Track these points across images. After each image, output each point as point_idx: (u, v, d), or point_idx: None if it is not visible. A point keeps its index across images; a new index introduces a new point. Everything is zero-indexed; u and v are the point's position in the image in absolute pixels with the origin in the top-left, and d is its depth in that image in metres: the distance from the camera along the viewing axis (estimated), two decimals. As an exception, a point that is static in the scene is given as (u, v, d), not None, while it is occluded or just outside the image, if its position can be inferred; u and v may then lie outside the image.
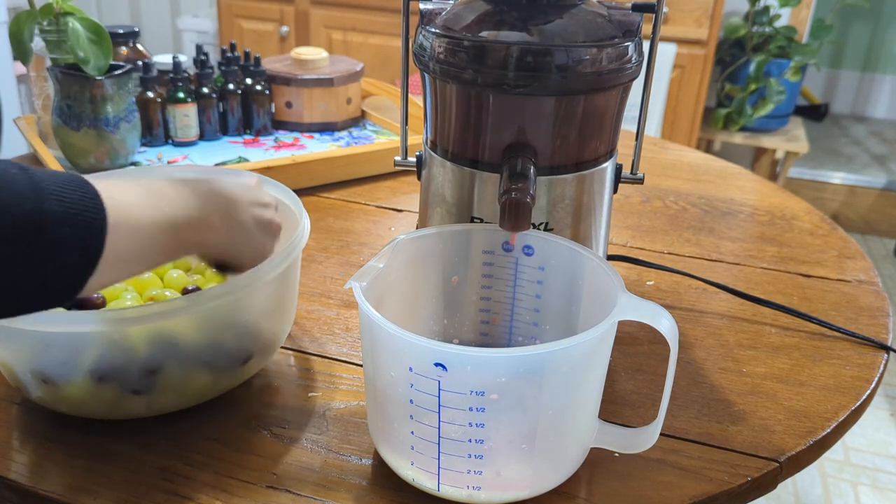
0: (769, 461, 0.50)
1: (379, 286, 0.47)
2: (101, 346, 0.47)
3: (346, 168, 0.93)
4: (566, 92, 0.50)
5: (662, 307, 0.44)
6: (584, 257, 0.50)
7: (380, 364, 0.45)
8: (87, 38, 0.81)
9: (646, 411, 0.55)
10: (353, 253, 0.77)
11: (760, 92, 2.40)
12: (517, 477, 0.45)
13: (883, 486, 1.54)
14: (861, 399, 0.57)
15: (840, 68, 3.07)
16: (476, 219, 0.55)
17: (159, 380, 0.49)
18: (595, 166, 0.54)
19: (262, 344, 0.54)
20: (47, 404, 0.51)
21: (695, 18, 2.13)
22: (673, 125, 2.26)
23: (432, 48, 0.51)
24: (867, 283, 0.75)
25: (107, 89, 0.83)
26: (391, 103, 1.14)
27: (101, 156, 0.86)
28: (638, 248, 0.80)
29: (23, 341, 0.47)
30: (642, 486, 0.48)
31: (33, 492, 0.46)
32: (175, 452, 0.50)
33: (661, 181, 0.99)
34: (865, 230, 2.67)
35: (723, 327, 0.66)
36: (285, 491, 0.47)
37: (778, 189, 0.99)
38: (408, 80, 0.59)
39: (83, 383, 0.48)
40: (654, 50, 0.56)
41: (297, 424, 0.53)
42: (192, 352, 0.49)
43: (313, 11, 2.42)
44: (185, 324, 0.48)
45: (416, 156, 0.59)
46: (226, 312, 0.50)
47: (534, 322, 0.54)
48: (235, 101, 1.00)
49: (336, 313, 0.66)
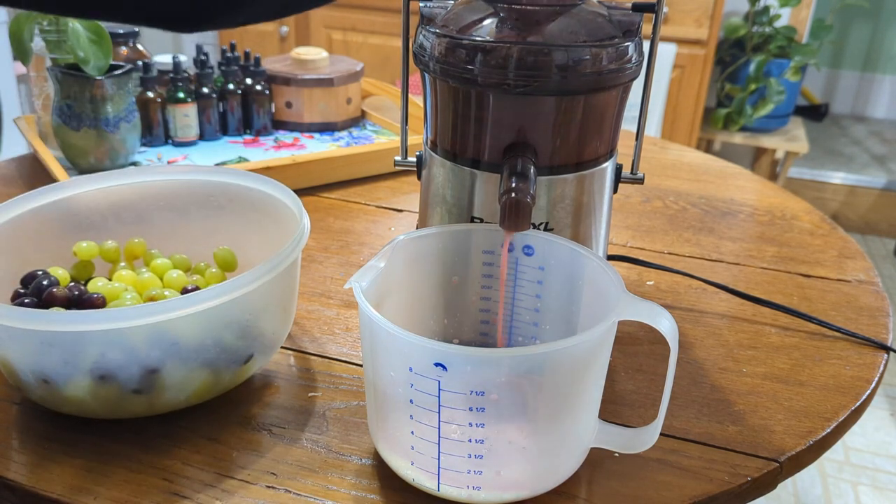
0: (769, 461, 0.50)
1: (379, 286, 0.48)
2: (102, 345, 0.47)
3: (346, 168, 0.93)
4: (566, 92, 0.50)
5: (662, 307, 0.44)
6: (584, 257, 0.50)
7: (380, 364, 0.45)
8: (87, 37, 0.81)
9: (646, 411, 0.55)
10: (353, 253, 0.77)
11: (760, 92, 2.40)
12: (517, 477, 0.45)
13: (883, 486, 1.54)
14: (861, 399, 0.57)
15: (840, 68, 3.07)
16: (476, 219, 0.55)
17: (159, 379, 0.49)
18: (595, 166, 0.54)
19: (262, 344, 0.54)
20: (48, 404, 0.51)
21: (695, 18, 2.14)
22: (673, 125, 2.27)
23: (432, 48, 0.51)
24: (867, 283, 0.75)
25: (107, 89, 0.83)
26: (391, 103, 1.14)
27: (101, 156, 0.86)
28: (638, 248, 0.80)
29: (24, 341, 0.47)
30: (642, 486, 0.48)
31: (33, 492, 0.46)
32: (175, 452, 0.50)
33: (661, 181, 0.99)
34: (865, 230, 2.67)
35: (723, 327, 0.66)
36: (285, 491, 0.47)
37: (778, 189, 0.99)
38: (408, 80, 0.59)
39: (84, 383, 0.48)
40: (654, 50, 0.56)
41: (297, 424, 0.53)
42: (193, 351, 0.49)
43: (313, 11, 2.42)
44: (185, 323, 0.48)
45: (416, 156, 0.59)
46: (226, 312, 0.50)
47: (534, 322, 0.54)
48: (235, 101, 1.00)
49: (336, 313, 0.66)
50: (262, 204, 0.61)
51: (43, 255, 0.59)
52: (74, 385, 0.48)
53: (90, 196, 0.62)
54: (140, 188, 0.63)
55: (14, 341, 0.48)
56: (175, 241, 0.64)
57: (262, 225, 0.62)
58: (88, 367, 0.47)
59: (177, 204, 0.64)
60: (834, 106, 3.13)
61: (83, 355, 0.47)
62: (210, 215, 0.64)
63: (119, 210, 0.63)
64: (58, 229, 0.61)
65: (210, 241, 0.63)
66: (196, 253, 0.63)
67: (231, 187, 0.63)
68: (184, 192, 0.64)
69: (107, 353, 0.47)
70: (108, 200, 0.63)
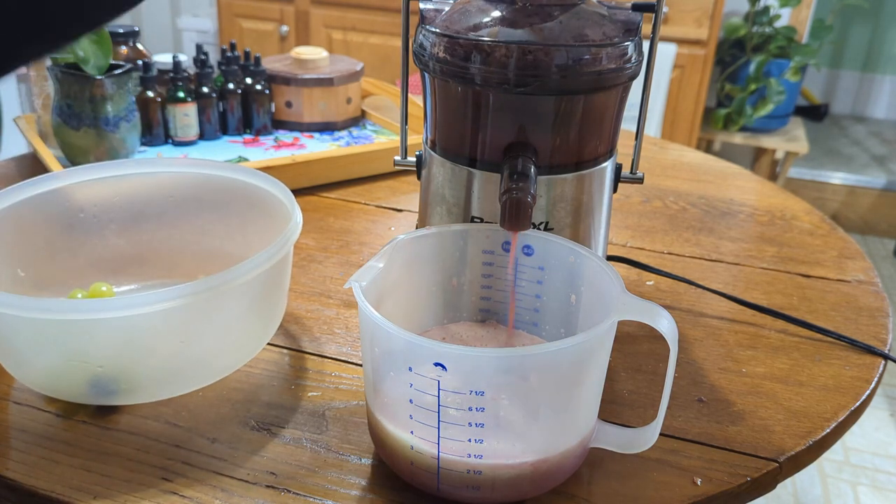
0: (769, 461, 0.50)
1: (379, 286, 0.47)
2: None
3: (345, 168, 0.93)
4: (566, 91, 0.50)
5: (662, 307, 0.44)
6: (584, 257, 0.50)
7: (380, 364, 0.45)
8: (86, 37, 0.81)
9: (645, 411, 0.55)
10: (353, 253, 0.77)
11: (760, 92, 2.40)
12: (517, 477, 0.45)
13: (882, 487, 1.54)
14: (861, 399, 0.57)
15: (840, 68, 3.07)
16: (476, 219, 0.55)
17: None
18: (595, 166, 0.54)
19: (249, 339, 0.55)
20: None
21: (695, 18, 2.14)
22: (673, 125, 2.27)
23: (432, 48, 0.51)
24: (867, 283, 0.75)
25: (107, 89, 0.83)
26: (391, 103, 1.14)
27: (101, 155, 0.86)
28: (638, 248, 0.80)
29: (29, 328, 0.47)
30: (642, 486, 0.48)
31: (33, 491, 0.46)
32: (175, 452, 0.50)
33: (661, 181, 0.99)
34: (865, 230, 2.67)
35: (722, 327, 0.66)
36: (285, 491, 0.47)
37: (778, 189, 0.99)
38: (408, 79, 0.59)
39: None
40: (654, 50, 0.56)
41: (297, 424, 0.53)
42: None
43: (313, 11, 2.42)
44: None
45: (415, 155, 0.59)
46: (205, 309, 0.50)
47: (534, 322, 0.54)
48: (235, 101, 1.00)
49: (336, 313, 0.66)
50: (256, 198, 0.62)
51: (37, 246, 0.60)
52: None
53: (82, 188, 0.62)
54: (135, 181, 0.64)
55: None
56: (169, 232, 0.65)
57: (248, 218, 0.63)
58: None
59: (175, 195, 0.64)
60: (834, 106, 3.13)
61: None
62: (204, 208, 0.64)
63: (111, 201, 0.63)
64: (51, 220, 0.61)
65: (201, 234, 0.64)
66: (189, 243, 0.64)
67: (227, 181, 0.63)
68: (180, 183, 0.64)
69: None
70: (101, 193, 0.63)
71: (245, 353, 0.56)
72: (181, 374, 0.53)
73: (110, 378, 0.50)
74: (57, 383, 0.51)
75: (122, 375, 0.50)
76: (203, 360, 0.53)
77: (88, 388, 0.50)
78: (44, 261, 0.60)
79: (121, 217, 0.63)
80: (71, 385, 0.50)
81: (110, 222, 0.63)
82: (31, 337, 0.48)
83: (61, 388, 0.51)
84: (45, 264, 0.60)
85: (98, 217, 0.63)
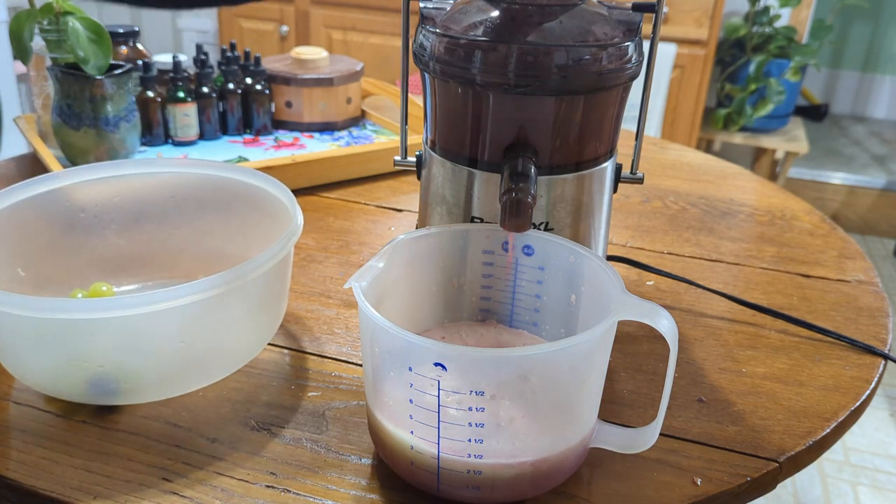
0: (769, 461, 0.50)
1: (379, 286, 0.48)
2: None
3: (345, 168, 0.93)
4: (566, 92, 0.50)
5: (662, 307, 0.44)
6: (584, 257, 0.50)
7: (380, 364, 0.45)
8: (86, 37, 0.81)
9: (645, 411, 0.55)
10: (353, 253, 0.77)
11: (760, 92, 2.40)
12: (517, 477, 0.45)
13: (882, 487, 1.54)
14: (861, 399, 0.57)
15: (840, 68, 3.07)
16: (476, 219, 0.55)
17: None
18: (595, 166, 0.54)
19: (249, 339, 0.54)
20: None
21: (695, 18, 2.14)
22: (673, 125, 2.27)
23: (432, 48, 0.51)
24: (867, 283, 0.75)
25: (107, 89, 0.83)
26: (391, 103, 1.14)
27: (101, 155, 0.86)
28: (638, 248, 0.80)
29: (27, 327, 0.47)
30: (642, 486, 0.48)
31: (33, 491, 0.46)
32: (175, 452, 0.50)
33: (661, 181, 0.99)
34: (865, 230, 2.67)
35: (722, 327, 0.66)
36: (285, 491, 0.47)
37: (778, 189, 0.99)
38: (408, 80, 0.59)
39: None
40: (654, 50, 0.56)
41: (297, 424, 0.53)
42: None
43: (313, 11, 2.42)
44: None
45: (415, 155, 0.59)
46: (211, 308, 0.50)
47: (534, 322, 0.54)
48: (235, 101, 1.00)
49: (336, 313, 0.66)
50: (257, 199, 0.62)
51: (37, 246, 0.60)
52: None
53: (83, 188, 0.62)
54: (135, 181, 0.64)
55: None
56: (170, 232, 0.64)
57: (248, 218, 0.63)
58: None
59: (176, 195, 0.64)
60: (834, 106, 3.13)
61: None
62: (204, 209, 0.64)
63: (112, 201, 0.63)
64: (51, 220, 0.61)
65: (201, 235, 0.64)
66: (190, 243, 0.64)
67: (228, 182, 0.63)
68: (181, 184, 0.64)
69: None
70: (101, 192, 0.63)
71: (245, 354, 0.56)
72: (181, 374, 0.53)
73: (110, 378, 0.50)
74: (57, 383, 0.51)
75: (122, 375, 0.50)
76: (203, 361, 0.53)
77: (89, 388, 0.50)
78: (44, 260, 0.60)
79: (121, 217, 0.63)
80: (71, 385, 0.50)
81: (111, 222, 0.63)
82: (32, 336, 0.48)
83: (61, 387, 0.51)
84: (46, 264, 0.60)
85: (98, 217, 0.63)
